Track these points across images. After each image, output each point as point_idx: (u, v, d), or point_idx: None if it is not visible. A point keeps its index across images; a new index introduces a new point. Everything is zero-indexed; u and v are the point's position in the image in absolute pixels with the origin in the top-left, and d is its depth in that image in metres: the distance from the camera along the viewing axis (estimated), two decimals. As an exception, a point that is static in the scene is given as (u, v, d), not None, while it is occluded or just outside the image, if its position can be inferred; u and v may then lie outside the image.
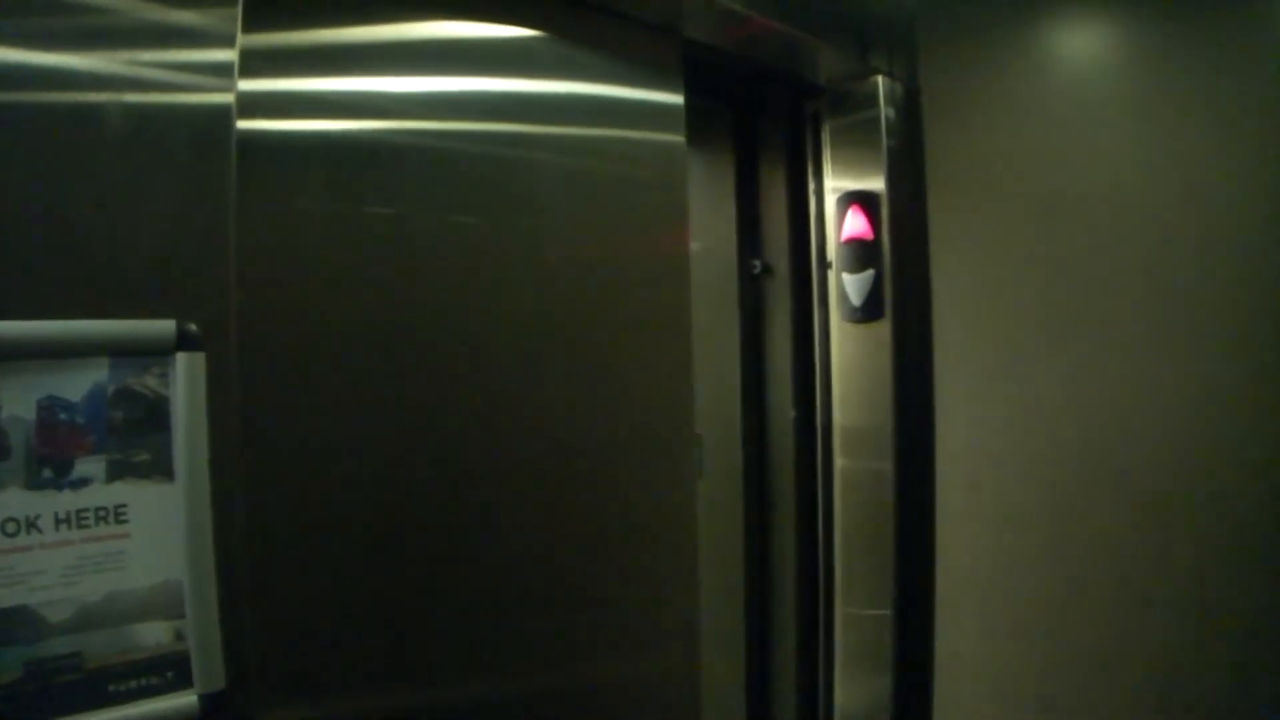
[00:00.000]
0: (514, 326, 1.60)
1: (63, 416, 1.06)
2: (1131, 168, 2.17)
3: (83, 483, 1.07)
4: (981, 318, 2.22)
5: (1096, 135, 2.17)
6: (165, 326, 1.11)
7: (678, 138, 1.84)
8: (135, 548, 1.10)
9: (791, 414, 2.26)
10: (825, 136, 2.27)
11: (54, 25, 1.07)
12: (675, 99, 1.83)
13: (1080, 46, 2.22)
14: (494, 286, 1.58)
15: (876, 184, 2.16)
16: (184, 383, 1.12)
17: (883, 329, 2.16)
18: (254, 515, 1.20)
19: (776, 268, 2.26)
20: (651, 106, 1.81)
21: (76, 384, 1.07)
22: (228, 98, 1.19)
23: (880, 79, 2.16)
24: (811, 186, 2.29)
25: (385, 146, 1.46)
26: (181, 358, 1.12)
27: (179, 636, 1.13)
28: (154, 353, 1.11)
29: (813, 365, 2.28)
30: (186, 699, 1.13)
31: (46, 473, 1.05)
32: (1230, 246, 2.08)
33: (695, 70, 1.89)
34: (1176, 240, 2.12)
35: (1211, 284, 2.10)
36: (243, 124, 1.22)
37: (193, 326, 1.12)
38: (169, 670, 1.12)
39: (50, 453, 1.06)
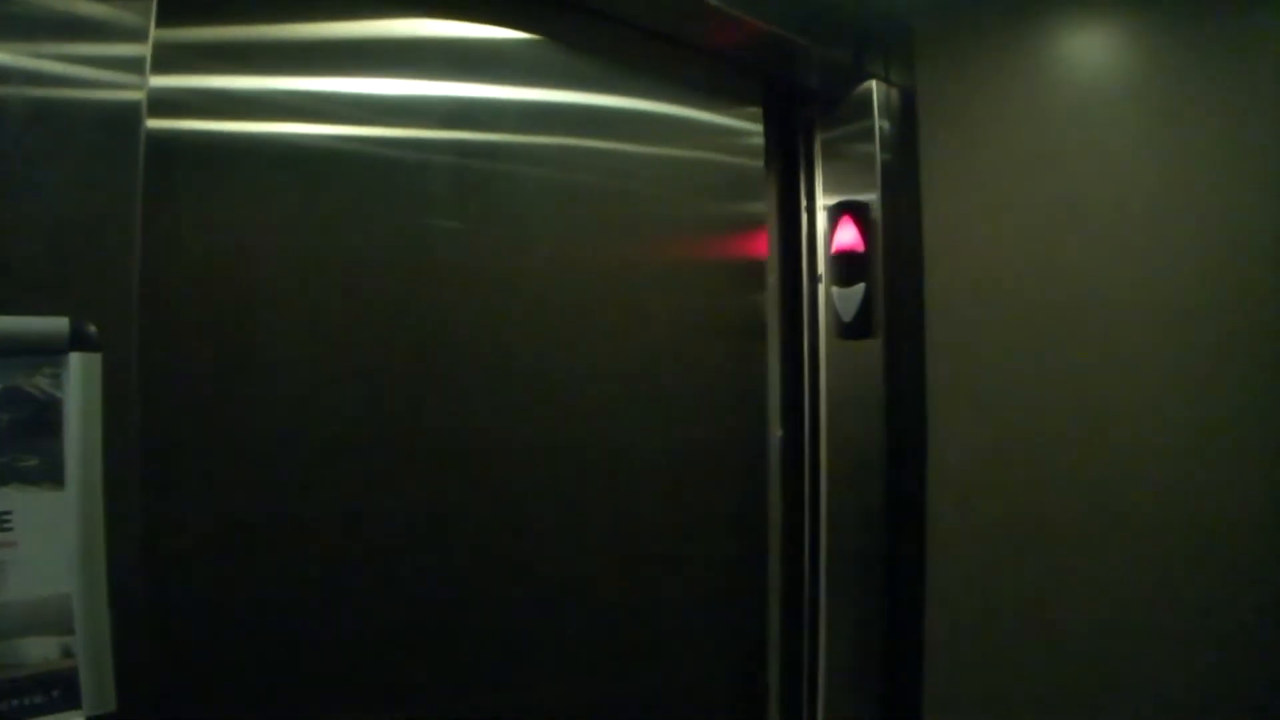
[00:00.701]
0: (498, 329, 1.60)
1: (-56, 418, 0.99)
2: (1137, 177, 2.07)
3: (-35, 488, 0.99)
4: (976, 336, 2.12)
5: (1100, 143, 2.09)
6: (57, 324, 1.05)
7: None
8: (20, 558, 1.03)
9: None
10: (817, 144, 2.19)
11: None
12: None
13: (1084, 51, 2.13)
14: (458, 292, 1.56)
15: (869, 194, 2.07)
16: (78, 384, 1.06)
17: (874, 346, 2.07)
18: (153, 527, 1.13)
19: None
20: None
21: (-44, 385, 1.00)
22: (137, 95, 1.13)
23: (875, 84, 2.08)
24: (803, 195, 2.19)
25: (313, 151, 1.42)
26: (75, 358, 1.06)
27: (67, 654, 1.06)
28: (45, 352, 1.05)
29: (801, 384, 2.18)
30: (73, 720, 1.05)
31: (-77, 477, 0.98)
32: (1240, 261, 1.98)
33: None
34: (1184, 253, 2.03)
35: (1220, 303, 2.00)
36: (154, 122, 1.17)
37: (89, 325, 1.05)
38: (54, 689, 1.05)
39: (-73, 456, 0.98)
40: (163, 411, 1.21)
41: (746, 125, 2.06)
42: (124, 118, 1.12)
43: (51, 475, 1.05)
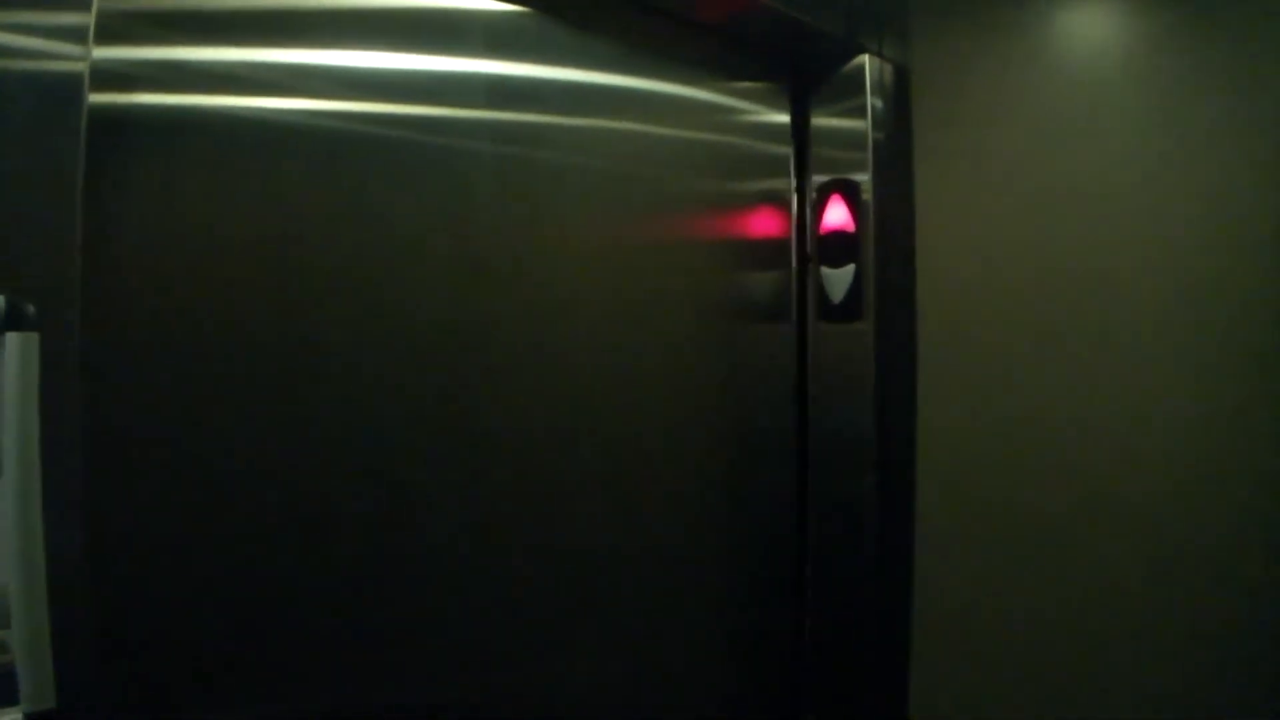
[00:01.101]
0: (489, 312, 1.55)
1: None
2: (1136, 157, 2.02)
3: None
4: (970, 321, 2.07)
5: (1099, 122, 2.03)
6: (-10, 302, 0.99)
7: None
8: (-47, 548, 0.98)
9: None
10: (808, 120, 2.12)
11: None
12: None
13: (1083, 28, 2.08)
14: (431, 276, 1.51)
15: (860, 173, 2.01)
16: (14, 365, 1.01)
17: (864, 329, 2.01)
18: (94, 515, 1.08)
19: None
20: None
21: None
22: (79, 66, 1.08)
23: (868, 59, 2.02)
24: (793, 174, 2.13)
25: (266, 125, 1.36)
26: (11, 338, 1.01)
27: (3, 648, 1.00)
28: (-26, 335, 0.99)
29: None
30: (10, 718, 1.00)
31: None
32: (1241, 242, 1.93)
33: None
34: (1183, 235, 1.98)
35: (1221, 286, 1.96)
36: (97, 96, 1.12)
37: (26, 304, 1.00)
38: (-10, 685, 1.00)
39: None
40: (107, 394, 1.15)
41: (734, 102, 1.99)
42: (65, 90, 1.08)
43: (-15, 462, 0.99)
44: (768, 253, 2.09)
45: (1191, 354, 2.02)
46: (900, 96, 2.07)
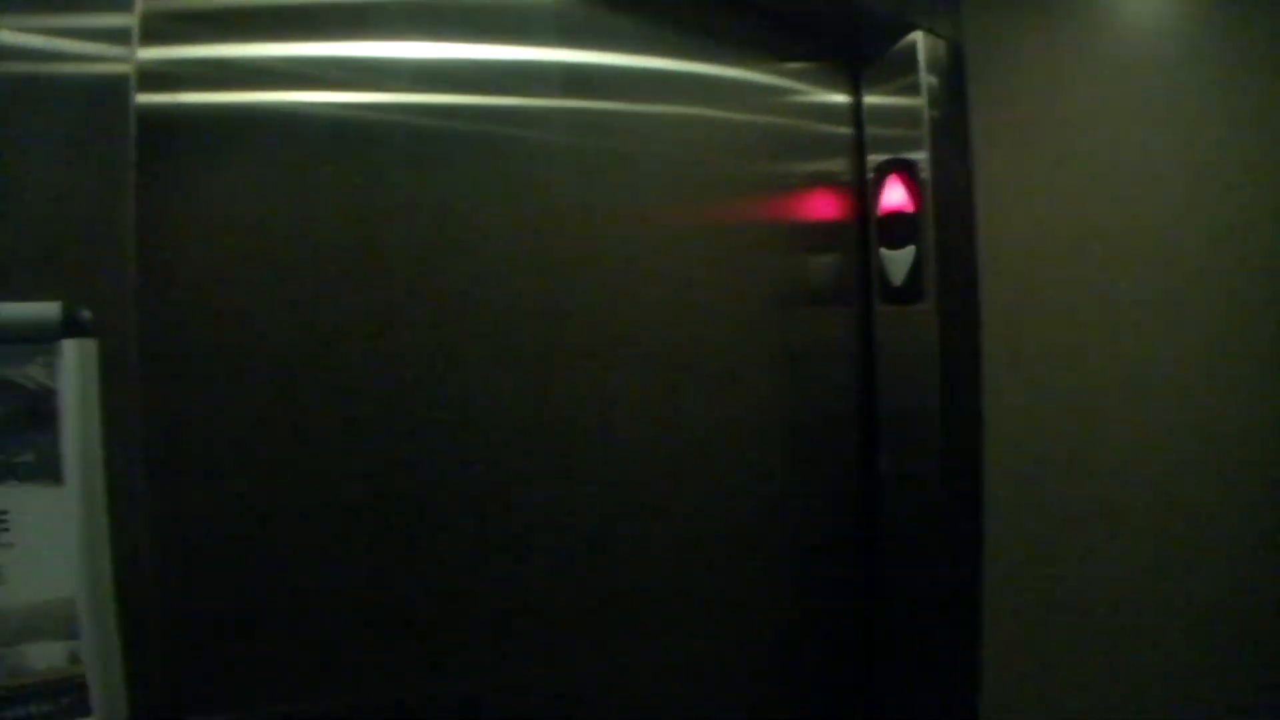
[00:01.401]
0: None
1: (-70, 412, 0.93)
2: (1196, 135, 1.96)
3: (-45, 486, 0.93)
4: (1033, 302, 2.01)
5: (1158, 99, 1.98)
6: (49, 309, 0.98)
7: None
8: (19, 559, 0.97)
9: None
10: (861, 99, 2.08)
11: None
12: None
13: (1141, 3, 2.01)
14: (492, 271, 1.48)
15: (917, 152, 1.96)
16: (73, 373, 0.99)
17: (926, 310, 1.96)
18: (159, 523, 1.06)
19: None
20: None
21: (-53, 375, 0.93)
22: (125, 67, 1.06)
23: (920, 35, 1.97)
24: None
25: (315, 121, 1.34)
26: (69, 345, 0.99)
27: (74, 659, 0.99)
28: (37, 339, 0.98)
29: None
30: (84, 730, 0.99)
31: (-92, 476, 0.91)
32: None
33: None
34: (1250, 214, 1.91)
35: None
36: (145, 97, 1.10)
37: (83, 310, 0.98)
38: (63, 697, 0.99)
39: (-88, 453, 0.92)
40: (167, 399, 1.14)
41: (787, 83, 1.95)
42: (112, 91, 1.05)
43: (49, 471, 0.98)
44: (827, 235, 2.05)
45: (1259, 332, 1.96)
46: (955, 73, 2.02)
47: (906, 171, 1.97)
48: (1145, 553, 2.02)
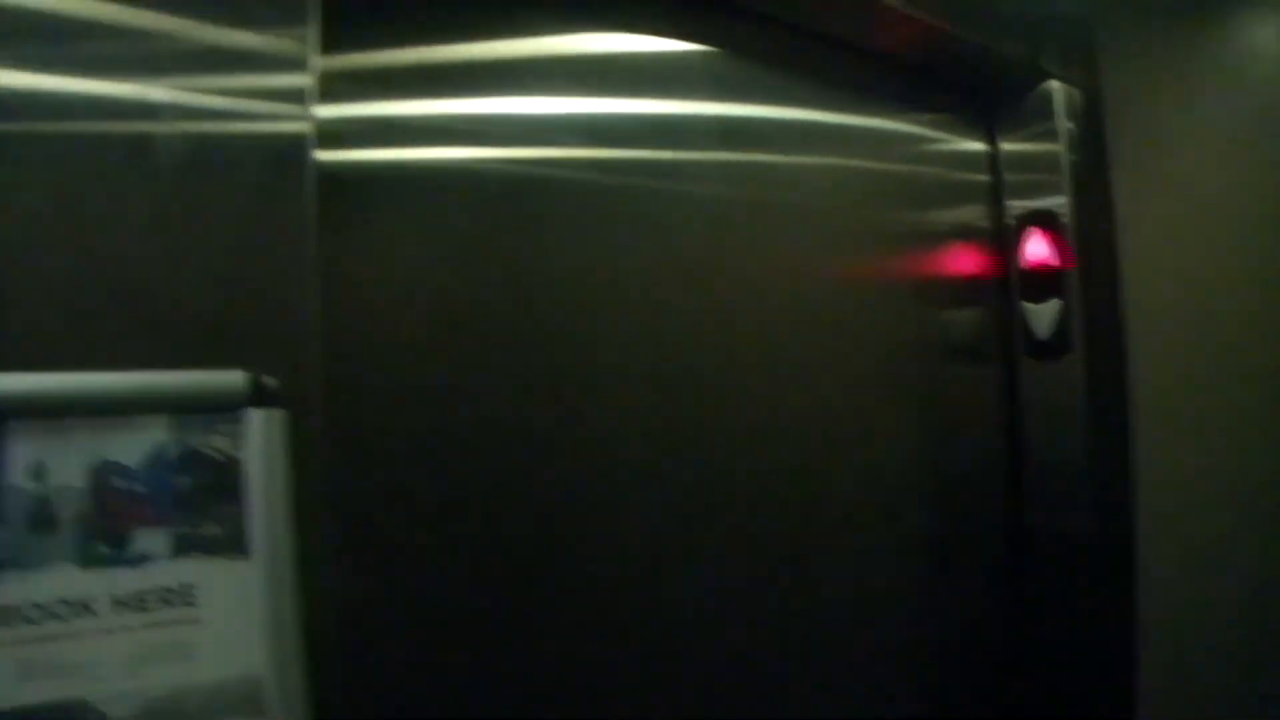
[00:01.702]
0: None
1: (118, 484, 0.92)
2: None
3: (143, 560, 0.92)
4: (1181, 350, 1.94)
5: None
6: (235, 379, 0.96)
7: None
8: (206, 635, 0.94)
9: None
10: (999, 150, 2.03)
11: (108, 50, 0.95)
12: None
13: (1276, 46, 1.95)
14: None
15: (1058, 201, 1.90)
16: (259, 444, 0.96)
17: (1073, 364, 1.89)
18: (350, 600, 1.02)
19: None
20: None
21: (134, 446, 0.93)
22: (303, 126, 1.04)
23: (1056, 85, 1.92)
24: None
25: (493, 176, 1.33)
26: (255, 414, 0.97)
27: (260, 740, 0.95)
28: (223, 409, 0.96)
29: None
30: (271, 811, 0.95)
31: (101, 548, 0.90)
32: None
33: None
34: None
35: None
36: (324, 154, 1.08)
37: (268, 378, 0.96)
38: (249, 777, 0.95)
39: (105, 525, 0.91)
40: (355, 469, 1.10)
41: (924, 131, 1.91)
42: (291, 151, 1.04)
43: (235, 544, 0.96)
44: (967, 287, 1.99)
45: None
46: (1092, 122, 1.97)
47: (1047, 221, 1.92)
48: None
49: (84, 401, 0.91)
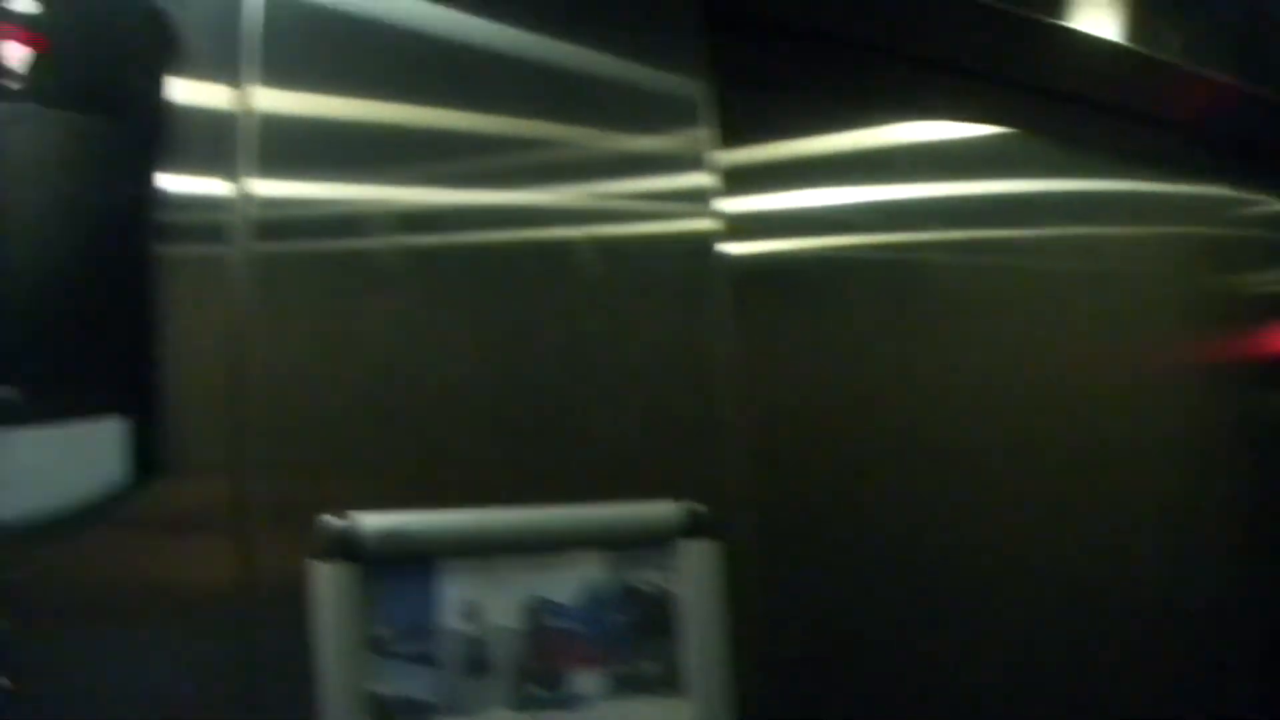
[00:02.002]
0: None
1: (552, 623, 0.87)
2: None
3: (578, 701, 0.87)
4: None
5: None
6: (668, 510, 0.89)
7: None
8: (639, 779, 0.88)
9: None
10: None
11: (517, 163, 0.92)
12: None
13: None
14: None
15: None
16: (693, 576, 0.89)
17: None
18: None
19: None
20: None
21: (567, 583, 0.87)
22: (710, 223, 0.99)
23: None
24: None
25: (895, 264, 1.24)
26: (689, 546, 0.89)
27: None
28: (656, 541, 0.89)
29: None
30: None
31: (536, 691, 0.86)
32: None
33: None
34: None
35: None
36: (730, 247, 1.01)
37: (700, 507, 0.87)
38: None
39: (539, 667, 0.87)
40: (782, 598, 1.02)
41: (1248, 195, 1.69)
42: (700, 249, 0.99)
43: (669, 682, 0.90)
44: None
45: None
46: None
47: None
48: None
49: (518, 539, 0.85)
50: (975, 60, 1.31)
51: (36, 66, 0.79)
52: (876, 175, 1.22)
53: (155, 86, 0.83)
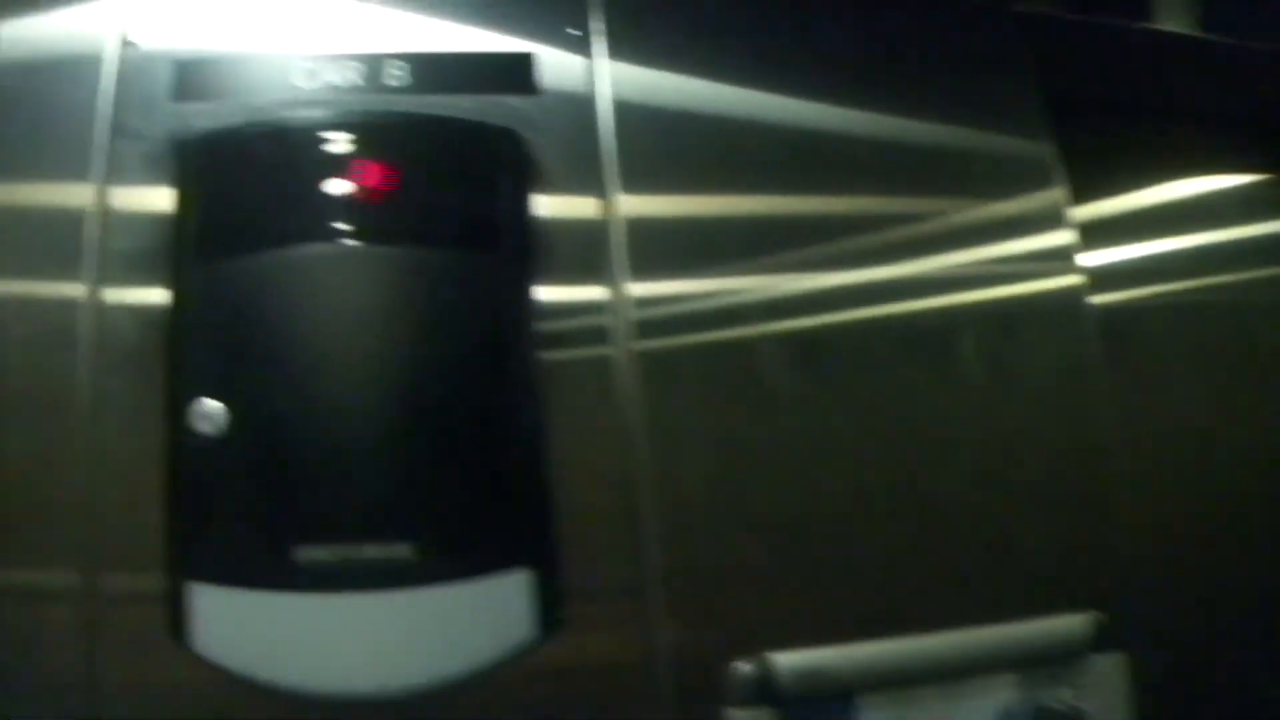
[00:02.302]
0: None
1: (974, 754, 0.81)
2: None
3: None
4: None
5: None
6: (1076, 624, 0.85)
7: None
8: None
9: None
10: None
11: (877, 241, 0.91)
12: None
13: None
14: None
15: None
16: (1103, 692, 0.84)
17: None
18: None
19: None
20: None
21: (982, 709, 0.82)
22: (1076, 279, 0.96)
23: None
24: None
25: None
26: (1099, 661, 0.84)
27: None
28: (1064, 658, 0.84)
29: None
30: None
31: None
32: None
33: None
34: None
35: None
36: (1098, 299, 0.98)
37: (1104, 617, 0.84)
38: None
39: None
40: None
41: None
42: (1070, 304, 0.96)
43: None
44: None
45: None
46: None
47: None
48: None
49: (935, 667, 0.80)
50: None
51: (393, 202, 0.76)
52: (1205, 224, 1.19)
53: (520, 207, 0.79)
